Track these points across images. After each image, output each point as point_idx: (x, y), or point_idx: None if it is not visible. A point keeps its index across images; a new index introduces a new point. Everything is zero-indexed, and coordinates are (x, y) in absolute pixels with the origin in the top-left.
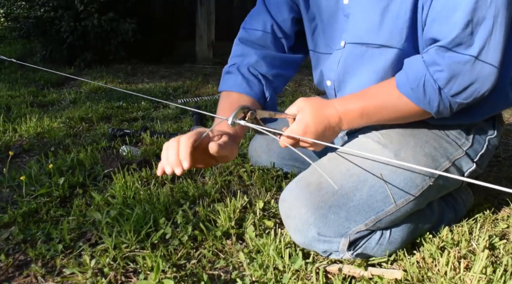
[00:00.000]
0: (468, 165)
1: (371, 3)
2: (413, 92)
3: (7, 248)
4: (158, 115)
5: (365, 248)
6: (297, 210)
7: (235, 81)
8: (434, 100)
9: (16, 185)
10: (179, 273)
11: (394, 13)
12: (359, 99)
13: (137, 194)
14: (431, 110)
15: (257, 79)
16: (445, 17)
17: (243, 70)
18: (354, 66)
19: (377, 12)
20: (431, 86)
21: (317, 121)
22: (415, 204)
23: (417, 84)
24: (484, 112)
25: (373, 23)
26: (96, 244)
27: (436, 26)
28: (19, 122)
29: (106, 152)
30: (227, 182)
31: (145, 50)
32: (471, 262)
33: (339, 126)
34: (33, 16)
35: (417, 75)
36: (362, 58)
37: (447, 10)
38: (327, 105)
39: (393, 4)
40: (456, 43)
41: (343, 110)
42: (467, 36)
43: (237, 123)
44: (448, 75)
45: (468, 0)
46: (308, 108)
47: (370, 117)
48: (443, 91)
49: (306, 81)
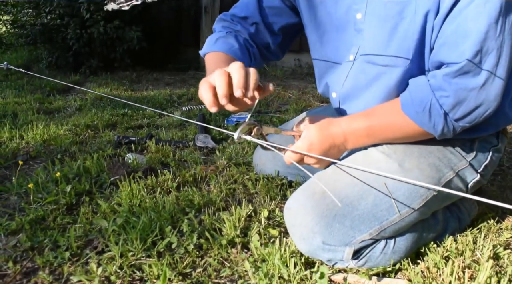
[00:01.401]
0: (472, 175)
1: (380, 22)
2: (418, 116)
3: (14, 255)
4: (163, 123)
5: (370, 257)
6: (302, 218)
7: (232, 46)
8: (439, 124)
9: (24, 192)
10: (185, 282)
11: (402, 33)
12: (364, 118)
13: (143, 202)
14: (435, 133)
15: (248, 53)
16: (455, 44)
17: (240, 39)
18: (361, 82)
19: (385, 31)
20: (436, 110)
21: (322, 139)
22: (419, 213)
23: (423, 108)
24: (485, 131)
25: (381, 41)
26: (103, 252)
27: (444, 51)
28: (25, 129)
29: (112, 160)
30: (232, 191)
31: (150, 57)
32: (475, 272)
33: (344, 145)
34: (40, 23)
35: (423, 99)
36: (369, 74)
37: (457, 37)
38: (333, 123)
39: (402, 25)
40: (464, 71)
41: (349, 129)
42: (476, 64)
43: (243, 138)
44: (454, 101)
45: (479, 30)
46: (314, 126)
47: (376, 137)
48: (449, 116)
49: (309, 89)
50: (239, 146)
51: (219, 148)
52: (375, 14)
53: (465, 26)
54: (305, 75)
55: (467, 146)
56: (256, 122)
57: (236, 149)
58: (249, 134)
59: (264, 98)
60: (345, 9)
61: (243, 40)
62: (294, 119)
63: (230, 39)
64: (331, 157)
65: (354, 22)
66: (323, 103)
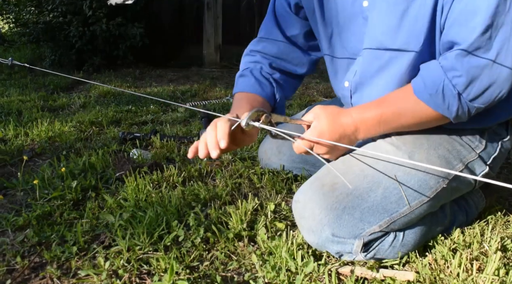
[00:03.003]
0: (481, 167)
1: (389, 6)
2: (432, 98)
3: (22, 251)
4: (167, 119)
5: (378, 250)
6: (311, 210)
7: (248, 83)
8: (453, 105)
9: (30, 189)
10: (193, 275)
11: (413, 16)
12: (376, 107)
13: (149, 197)
14: (450, 116)
15: (268, 81)
16: (464, 21)
17: (256, 73)
18: (373, 68)
19: (396, 15)
20: (450, 91)
21: (332, 129)
22: (428, 206)
23: (436, 90)
24: (498, 117)
25: (391, 26)
26: (110, 246)
27: (454, 30)
28: (30, 126)
29: (117, 156)
30: (237, 185)
31: (153, 54)
32: (483, 264)
33: (355, 135)
34: (42, 22)
35: (435, 81)
36: (380, 61)
37: (467, 14)
38: (343, 113)
39: (412, 7)
40: (474, 47)
41: (360, 118)
42: (486, 40)
43: (251, 124)
44: (466, 80)
45: (488, 5)
46: (324, 115)
47: (388, 125)
48: (462, 96)
49: (313, 84)
50: None
51: None
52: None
53: (474, 2)
54: None
55: (477, 138)
56: (264, 109)
57: None
58: (257, 121)
59: None
60: (351, 0)
61: (259, 71)
62: (302, 111)
63: (247, 76)
64: (341, 148)
65: (361, 10)
66: (327, 98)
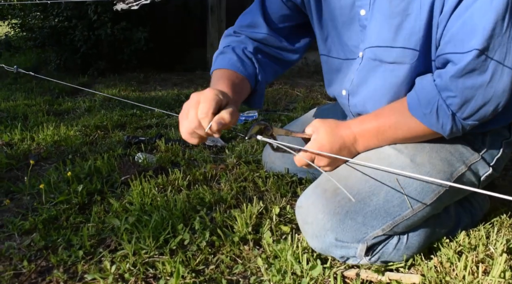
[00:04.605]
0: (485, 169)
1: (385, 19)
2: (426, 117)
3: (29, 255)
4: (171, 122)
5: (383, 254)
6: (314, 216)
7: (229, 60)
8: (447, 124)
9: (36, 193)
10: (198, 279)
11: (408, 30)
12: (374, 119)
13: (154, 201)
14: (443, 133)
15: (251, 61)
16: (460, 41)
17: (238, 51)
18: (369, 79)
19: (391, 29)
20: (444, 111)
21: (331, 141)
22: (431, 208)
23: (430, 110)
24: (496, 123)
25: (387, 40)
26: (116, 250)
27: (450, 48)
28: (36, 130)
29: (122, 160)
30: (242, 188)
31: (157, 58)
32: (489, 266)
33: (355, 147)
34: (48, 26)
35: (430, 100)
36: (376, 72)
37: (463, 34)
38: (342, 126)
39: (407, 21)
40: (469, 69)
41: (359, 130)
42: (481, 62)
43: (254, 138)
44: (461, 101)
45: (485, 27)
46: (323, 128)
47: (385, 137)
48: (456, 115)
49: (317, 87)
50: (248, 144)
51: (228, 147)
52: (380, 10)
53: (472, 23)
54: (312, 73)
55: (479, 139)
56: (266, 123)
57: (245, 148)
58: (259, 134)
59: (272, 97)
60: (350, 5)
61: (242, 50)
62: (302, 116)
63: (228, 53)
64: (341, 160)
65: (359, 18)
66: (331, 100)
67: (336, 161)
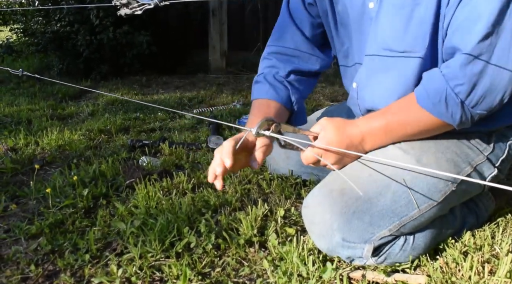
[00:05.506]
0: (490, 170)
1: (396, 9)
2: (435, 107)
3: (36, 259)
4: (175, 126)
5: (389, 254)
6: (320, 216)
7: (263, 89)
8: (457, 113)
9: (42, 197)
10: (205, 281)
11: (419, 19)
12: (381, 117)
13: (159, 204)
14: (453, 123)
15: (283, 85)
16: (467, 28)
17: (269, 78)
18: (379, 71)
19: (402, 19)
20: (453, 100)
21: (339, 139)
22: (438, 209)
23: (439, 99)
24: (502, 120)
25: (399, 29)
26: (122, 253)
27: (457, 36)
28: (40, 135)
29: (126, 163)
30: (246, 191)
31: (159, 61)
32: (495, 267)
33: (362, 145)
34: (50, 31)
35: (438, 90)
36: (386, 63)
37: (469, 21)
38: (350, 124)
39: (417, 10)
40: (476, 53)
41: (366, 128)
42: (487, 46)
43: (261, 133)
44: (468, 87)
45: (490, 13)
46: (331, 126)
47: (394, 134)
48: (465, 103)
49: (319, 88)
50: None
51: None
52: (390, 1)
53: (477, 10)
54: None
55: (484, 140)
56: (274, 119)
57: None
58: (267, 130)
59: None
60: (361, 1)
61: (273, 76)
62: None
63: (261, 83)
64: (349, 158)
65: (368, 11)
66: (333, 102)
67: (343, 159)
